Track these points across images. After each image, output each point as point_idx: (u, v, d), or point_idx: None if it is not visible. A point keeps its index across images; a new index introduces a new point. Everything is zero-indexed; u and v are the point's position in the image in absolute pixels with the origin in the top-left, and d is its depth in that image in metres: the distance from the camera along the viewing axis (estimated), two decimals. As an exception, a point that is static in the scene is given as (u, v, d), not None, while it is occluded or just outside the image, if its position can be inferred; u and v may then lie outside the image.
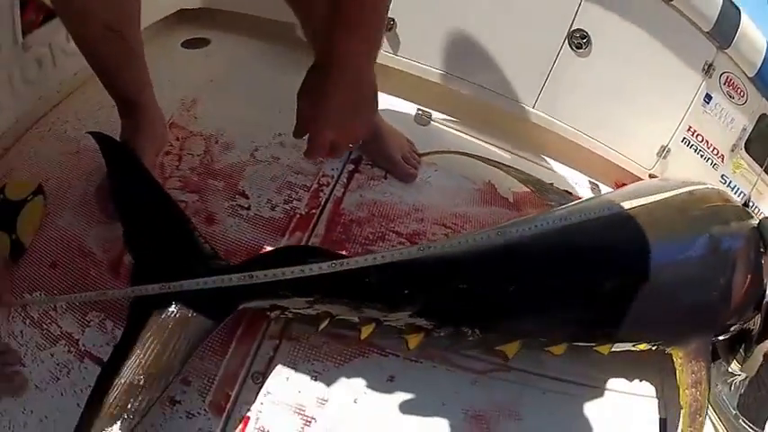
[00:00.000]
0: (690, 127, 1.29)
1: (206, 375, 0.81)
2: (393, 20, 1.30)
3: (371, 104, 0.78)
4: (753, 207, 1.16)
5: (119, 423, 0.69)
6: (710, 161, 1.30)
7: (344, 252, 0.95)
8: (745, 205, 1.09)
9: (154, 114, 1.02)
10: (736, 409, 0.93)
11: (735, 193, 1.27)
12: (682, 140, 1.31)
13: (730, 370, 0.96)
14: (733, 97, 1.26)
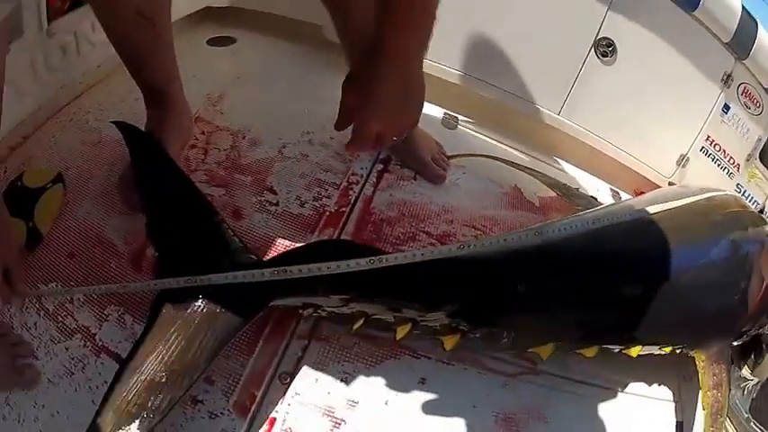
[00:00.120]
0: (708, 136, 1.28)
1: (231, 375, 0.76)
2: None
3: (419, 97, 0.76)
4: (767, 215, 1.14)
5: (137, 421, 0.63)
6: (727, 170, 1.29)
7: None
8: (760, 212, 1.09)
9: (181, 106, 0.97)
10: (748, 413, 0.92)
11: (749, 202, 1.24)
12: (700, 149, 1.29)
13: (742, 375, 0.95)
14: (749, 108, 1.25)
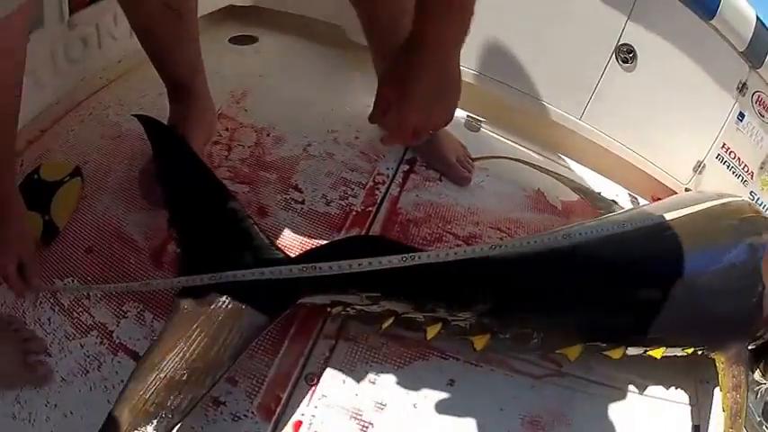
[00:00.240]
0: (724, 144, 1.25)
1: (255, 375, 0.71)
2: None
3: (456, 90, 0.72)
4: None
5: (155, 421, 0.58)
6: (741, 178, 1.25)
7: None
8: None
9: (204, 101, 0.93)
10: (760, 416, 0.89)
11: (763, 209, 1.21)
12: (716, 157, 1.26)
13: (755, 378, 0.92)
14: (763, 116, 1.22)
